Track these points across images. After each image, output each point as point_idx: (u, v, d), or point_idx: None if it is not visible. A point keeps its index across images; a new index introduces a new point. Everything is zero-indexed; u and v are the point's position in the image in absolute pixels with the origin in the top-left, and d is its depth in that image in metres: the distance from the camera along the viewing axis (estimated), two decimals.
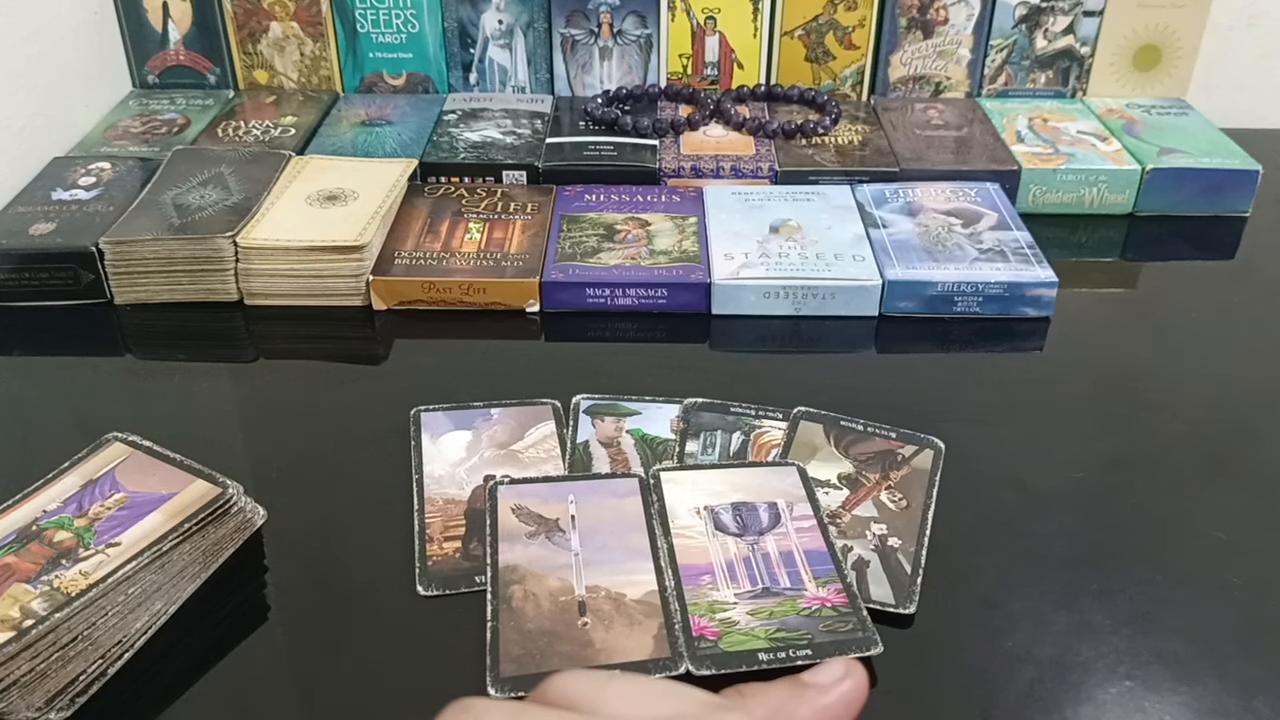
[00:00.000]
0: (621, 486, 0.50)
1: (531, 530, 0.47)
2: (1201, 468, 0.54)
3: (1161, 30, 0.86)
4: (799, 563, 0.46)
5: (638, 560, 0.46)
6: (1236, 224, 0.77)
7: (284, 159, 0.75)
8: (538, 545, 0.47)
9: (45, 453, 0.49)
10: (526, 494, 0.50)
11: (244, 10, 0.86)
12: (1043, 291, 0.65)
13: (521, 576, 0.45)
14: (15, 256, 0.66)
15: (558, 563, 0.46)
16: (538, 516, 0.48)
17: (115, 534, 0.44)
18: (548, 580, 0.45)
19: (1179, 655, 0.44)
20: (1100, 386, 0.60)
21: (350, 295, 0.66)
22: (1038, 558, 0.49)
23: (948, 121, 0.84)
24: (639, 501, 0.49)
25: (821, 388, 0.59)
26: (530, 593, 0.44)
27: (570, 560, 0.46)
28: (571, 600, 0.44)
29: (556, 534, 0.47)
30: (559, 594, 0.44)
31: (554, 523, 0.48)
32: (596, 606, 0.44)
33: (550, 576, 0.45)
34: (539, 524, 0.48)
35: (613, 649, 0.42)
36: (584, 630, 0.43)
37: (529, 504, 0.49)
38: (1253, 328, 0.66)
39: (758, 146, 0.80)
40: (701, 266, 0.66)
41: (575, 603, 0.44)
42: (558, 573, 0.45)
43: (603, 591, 0.44)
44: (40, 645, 0.40)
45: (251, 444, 0.57)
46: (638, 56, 0.87)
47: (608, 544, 0.47)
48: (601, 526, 0.48)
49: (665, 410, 0.56)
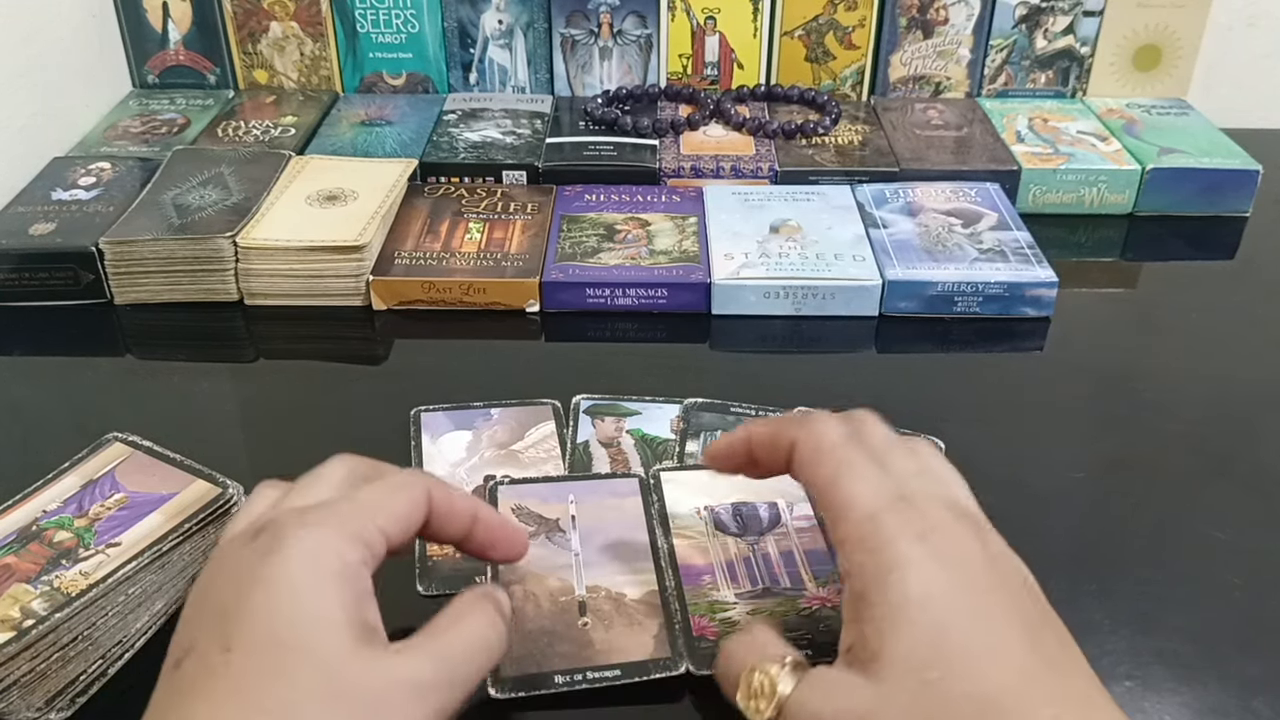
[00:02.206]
0: (622, 486, 0.50)
1: (532, 530, 0.47)
2: (1201, 468, 0.54)
3: (1161, 30, 0.86)
4: (799, 563, 0.46)
5: (638, 560, 0.46)
6: (1236, 224, 0.77)
7: (284, 159, 0.75)
8: (538, 545, 0.46)
9: (45, 453, 0.49)
10: (527, 494, 0.50)
11: (244, 10, 0.86)
12: (1043, 291, 0.65)
13: (521, 576, 0.45)
14: (15, 256, 0.66)
15: (558, 563, 0.46)
16: (538, 516, 0.48)
17: (115, 534, 0.44)
18: (548, 580, 0.45)
19: (1179, 655, 0.44)
20: (1100, 386, 0.60)
21: (350, 295, 0.66)
22: (1038, 558, 0.48)
23: (948, 121, 0.84)
24: (639, 501, 0.49)
25: (821, 388, 0.59)
26: (530, 593, 0.44)
27: (570, 560, 0.46)
28: (572, 600, 0.44)
29: (557, 534, 0.47)
30: (559, 594, 0.44)
31: (554, 523, 0.48)
32: (597, 606, 0.44)
33: (550, 576, 0.45)
34: (539, 524, 0.48)
35: (613, 649, 0.42)
36: (584, 630, 0.43)
37: (529, 504, 0.49)
38: (1253, 328, 0.66)
39: (758, 146, 0.80)
40: (701, 266, 0.66)
41: (575, 603, 0.44)
42: (558, 573, 0.45)
43: (603, 591, 0.44)
44: (40, 645, 0.40)
45: (251, 444, 0.57)
46: (638, 56, 0.87)
47: (608, 544, 0.47)
48: (602, 526, 0.48)
49: (665, 410, 0.56)
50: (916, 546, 0.34)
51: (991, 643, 0.32)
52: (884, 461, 0.37)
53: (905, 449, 0.39)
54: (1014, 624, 0.33)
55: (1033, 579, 0.36)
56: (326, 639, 0.32)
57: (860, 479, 0.36)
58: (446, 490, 0.39)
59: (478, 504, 0.40)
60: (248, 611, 0.32)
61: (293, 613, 0.32)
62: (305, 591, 0.33)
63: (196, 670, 0.32)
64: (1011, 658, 0.32)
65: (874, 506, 0.35)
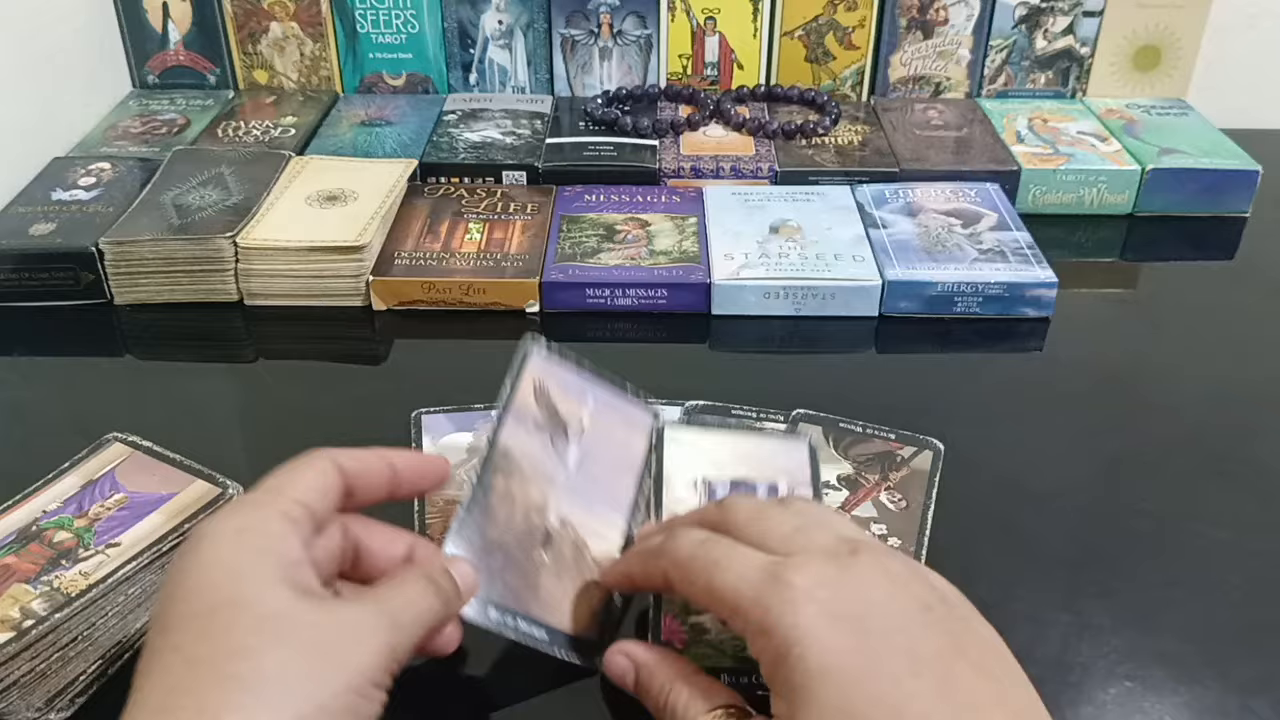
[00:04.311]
0: (637, 416, 0.49)
1: (541, 421, 0.45)
2: (1201, 468, 0.54)
3: (1161, 30, 0.86)
4: None
5: (615, 512, 0.45)
6: (1236, 224, 0.77)
7: (284, 159, 0.75)
8: (539, 442, 0.44)
9: (45, 453, 0.49)
10: (554, 375, 0.47)
11: (244, 10, 0.86)
12: (1043, 292, 0.65)
13: (511, 469, 0.43)
14: (15, 256, 0.66)
15: (548, 471, 0.44)
16: (552, 408, 0.45)
17: (115, 534, 0.44)
18: (531, 487, 0.43)
19: (1179, 655, 0.44)
20: (1100, 386, 0.60)
21: (350, 295, 0.66)
22: (1038, 558, 0.49)
23: (948, 122, 0.84)
24: (645, 441, 0.48)
25: (821, 388, 0.59)
26: (510, 493, 0.42)
27: (559, 476, 0.44)
28: (541, 525, 0.43)
29: (560, 439, 0.45)
30: (534, 509, 0.43)
31: (563, 425, 0.46)
32: (559, 549, 0.42)
33: (535, 484, 0.43)
34: (550, 418, 0.45)
35: (553, 605, 0.41)
36: (537, 568, 0.41)
37: (551, 388, 0.46)
38: (1253, 328, 0.66)
39: (758, 147, 0.80)
40: (701, 267, 0.66)
41: (544, 529, 0.43)
42: (543, 484, 0.43)
43: (572, 532, 0.43)
44: (40, 645, 0.40)
45: (251, 444, 0.57)
46: (638, 57, 0.87)
47: (599, 478, 0.45)
48: (602, 454, 0.46)
49: (667, 412, 0.56)
50: (806, 615, 0.33)
51: (897, 703, 0.31)
52: (754, 537, 0.37)
53: (776, 511, 0.38)
54: (920, 674, 0.32)
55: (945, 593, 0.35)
56: (261, 594, 0.33)
57: (731, 570, 0.36)
58: (352, 452, 0.40)
59: (388, 452, 0.41)
60: (179, 597, 0.33)
61: (222, 580, 0.33)
62: (230, 562, 0.34)
63: (145, 661, 0.32)
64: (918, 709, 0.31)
65: (754, 589, 0.34)
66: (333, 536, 0.39)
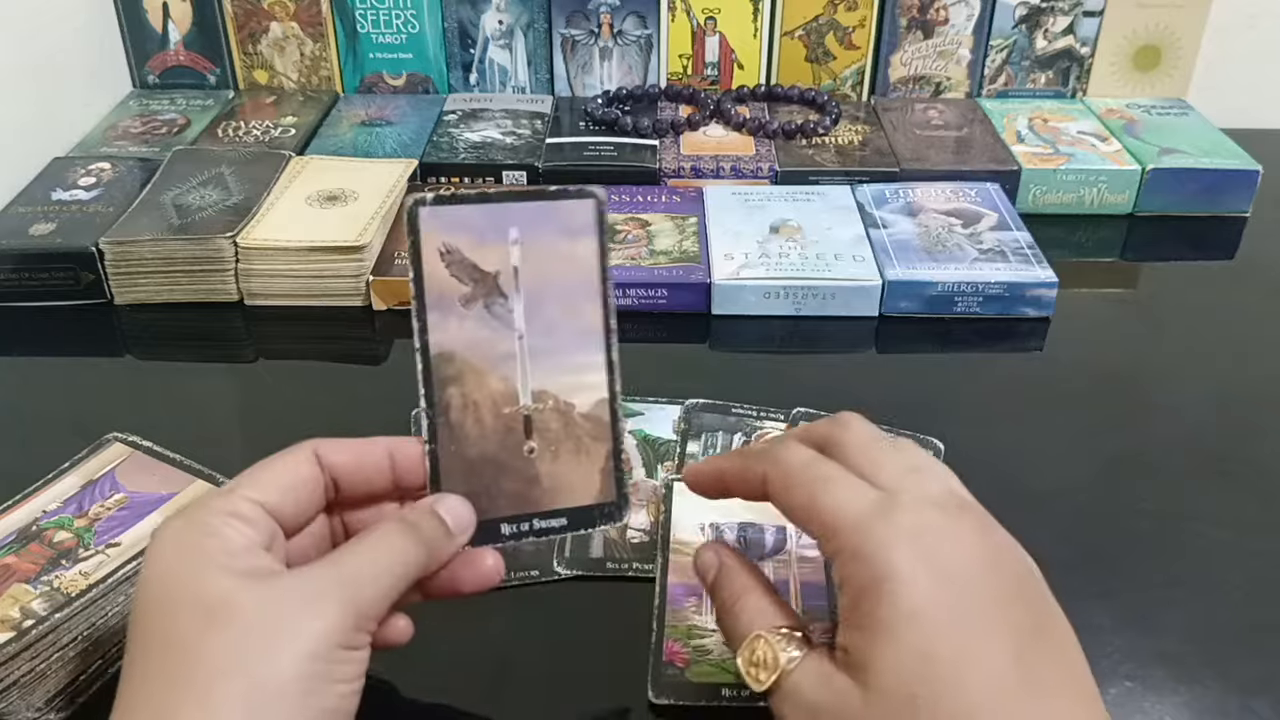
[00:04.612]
0: (576, 214, 0.39)
1: (467, 292, 0.38)
2: (1201, 468, 0.54)
3: (1161, 30, 0.86)
4: (792, 594, 0.45)
5: (589, 350, 0.39)
6: (1236, 224, 0.77)
7: (284, 159, 0.75)
8: (475, 320, 0.38)
9: (45, 453, 0.49)
10: (457, 225, 0.38)
11: (244, 10, 0.86)
12: (1043, 292, 0.65)
13: (459, 372, 0.38)
14: (15, 256, 0.66)
15: (499, 351, 0.38)
16: (473, 268, 0.38)
17: (115, 534, 0.44)
18: (489, 380, 0.38)
19: (1179, 655, 0.44)
20: (1100, 386, 0.60)
21: (350, 295, 0.66)
22: (1037, 558, 0.48)
23: (948, 122, 0.84)
24: (595, 240, 0.39)
25: (821, 388, 0.59)
26: (470, 400, 0.38)
27: (513, 347, 0.38)
28: (516, 414, 0.38)
29: (497, 300, 0.38)
30: (502, 402, 0.38)
31: (493, 280, 0.38)
32: (544, 425, 0.38)
33: (492, 374, 0.38)
34: (475, 282, 0.38)
35: (559, 486, 0.39)
36: (530, 460, 0.38)
37: (461, 243, 0.38)
38: (1253, 328, 0.66)
39: (758, 147, 0.80)
40: (701, 267, 0.66)
41: (520, 417, 0.38)
42: (499, 367, 0.38)
43: (550, 401, 0.39)
44: (40, 645, 0.40)
45: (251, 444, 0.56)
46: (638, 57, 0.87)
47: (556, 321, 0.39)
48: (549, 288, 0.39)
49: (667, 411, 0.56)
50: (907, 555, 0.33)
51: (978, 661, 0.32)
52: (865, 466, 0.36)
53: (890, 446, 0.38)
54: (1003, 640, 0.32)
55: (1035, 571, 0.35)
56: (201, 587, 0.33)
57: (839, 491, 0.35)
58: (342, 443, 0.38)
59: (389, 441, 0.39)
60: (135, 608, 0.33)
61: (163, 583, 0.33)
62: (170, 564, 0.34)
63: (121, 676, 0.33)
64: (994, 678, 0.31)
65: (859, 515, 0.34)
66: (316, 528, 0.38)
